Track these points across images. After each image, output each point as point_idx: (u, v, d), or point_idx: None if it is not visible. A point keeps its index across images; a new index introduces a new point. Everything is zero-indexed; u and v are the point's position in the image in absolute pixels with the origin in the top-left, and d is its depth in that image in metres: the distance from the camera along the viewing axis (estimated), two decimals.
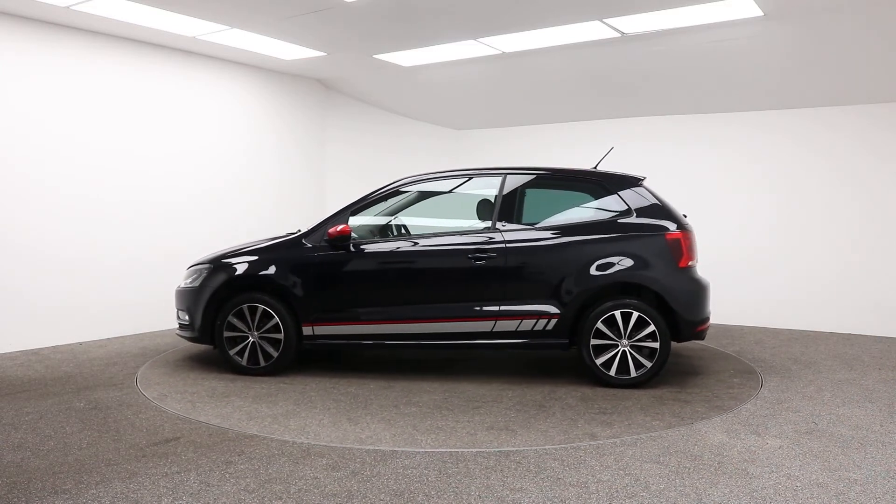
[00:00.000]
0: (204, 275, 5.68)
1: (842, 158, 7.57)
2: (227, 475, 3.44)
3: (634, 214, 5.27)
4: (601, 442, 3.93)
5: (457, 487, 3.30)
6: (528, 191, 5.57)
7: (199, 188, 7.74)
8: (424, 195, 6.01)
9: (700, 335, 5.33)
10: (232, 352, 5.57)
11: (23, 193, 6.31)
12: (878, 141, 7.37)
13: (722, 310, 7.41)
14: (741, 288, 7.96)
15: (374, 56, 7.43)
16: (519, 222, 5.41)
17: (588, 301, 5.18)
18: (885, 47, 6.26)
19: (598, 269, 5.16)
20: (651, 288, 5.14)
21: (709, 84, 7.55)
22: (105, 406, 4.64)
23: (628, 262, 5.15)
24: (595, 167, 5.75)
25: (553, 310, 5.17)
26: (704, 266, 6.02)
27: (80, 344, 6.64)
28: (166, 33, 6.78)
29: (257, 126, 8.35)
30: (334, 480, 3.38)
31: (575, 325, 5.20)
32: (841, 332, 7.45)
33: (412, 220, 6.09)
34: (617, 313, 5.09)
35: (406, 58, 7.47)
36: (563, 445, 3.87)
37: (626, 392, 5.00)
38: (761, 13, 5.65)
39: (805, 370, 5.75)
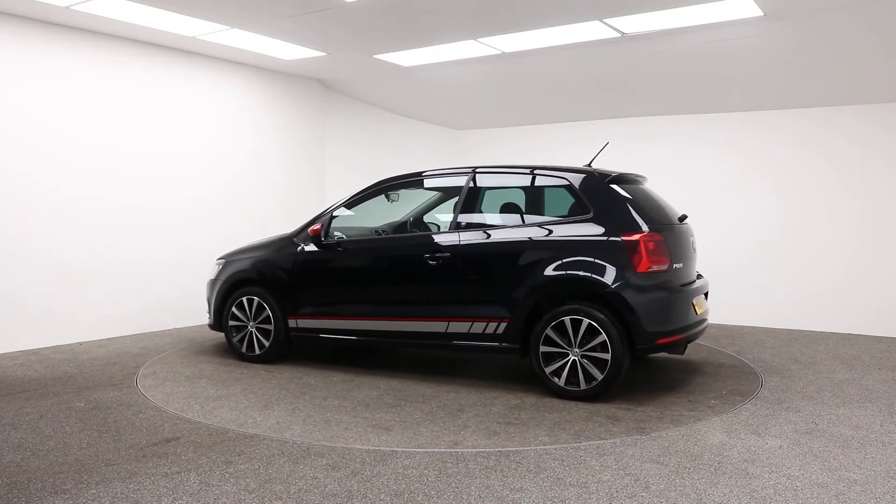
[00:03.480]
0: (219, 268, 6.30)
1: (842, 158, 7.57)
2: (227, 475, 3.44)
3: (594, 214, 4.89)
4: (601, 442, 3.93)
5: (457, 487, 3.30)
6: (492, 190, 5.48)
7: (200, 188, 7.74)
8: (403, 196, 6.06)
9: (668, 348, 4.90)
10: (235, 339, 6.08)
11: (23, 194, 6.31)
12: (878, 141, 7.37)
13: (722, 310, 7.42)
14: (741, 288, 7.96)
15: (374, 56, 7.43)
16: (479, 223, 5.29)
17: (538, 305, 4.89)
18: (885, 47, 6.26)
19: (545, 272, 4.84)
20: (600, 294, 4.71)
21: (709, 84, 7.55)
22: (105, 406, 4.64)
23: (577, 266, 4.77)
24: (590, 164, 5.62)
25: (503, 313, 4.96)
26: (704, 266, 6.01)
27: (80, 344, 6.64)
28: (166, 33, 6.78)
29: (258, 126, 8.35)
30: (334, 480, 3.38)
31: (527, 330, 4.94)
32: (841, 332, 7.45)
33: (389, 219, 6.16)
34: (567, 320, 4.74)
35: (406, 58, 7.47)
36: (563, 445, 3.87)
37: (568, 405, 4.66)
38: (761, 13, 5.64)
39: (805, 370, 5.75)
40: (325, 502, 3.14)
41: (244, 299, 6.00)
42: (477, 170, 5.47)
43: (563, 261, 4.82)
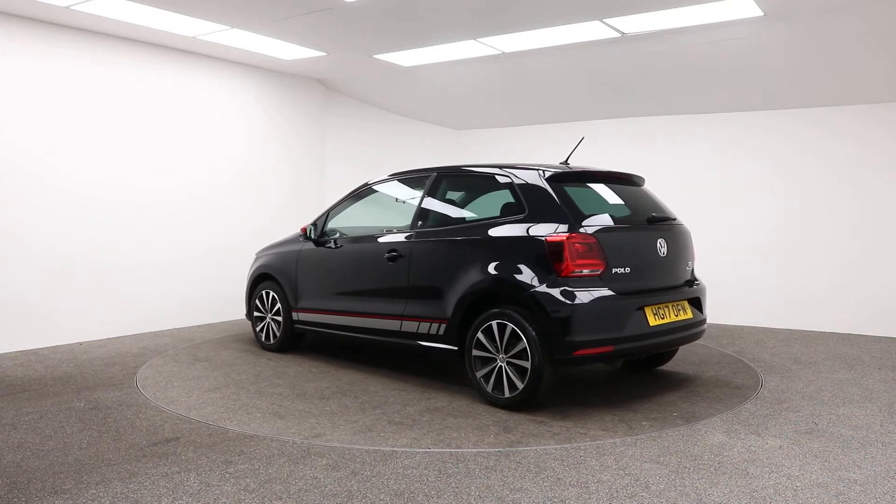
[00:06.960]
0: (252, 262, 6.87)
1: (842, 158, 7.57)
2: (227, 475, 3.44)
3: (528, 213, 4.66)
4: (601, 442, 3.93)
5: (457, 487, 3.30)
6: (447, 191, 5.48)
7: (200, 188, 7.74)
8: (387, 196, 6.14)
9: (591, 360, 4.58)
10: (257, 329, 6.62)
11: (23, 193, 6.31)
12: (878, 141, 7.37)
13: (722, 310, 7.43)
14: (741, 288, 7.96)
15: (374, 56, 7.43)
16: (432, 223, 5.28)
17: (471, 308, 4.76)
18: (885, 47, 6.26)
19: (475, 273, 4.73)
20: (520, 298, 4.48)
21: (709, 84, 7.55)
22: (105, 406, 4.64)
23: (502, 268, 4.60)
24: (566, 161, 5.51)
25: (442, 314, 4.92)
26: (704, 266, 6.01)
27: (80, 344, 6.64)
28: (166, 33, 6.78)
29: (258, 126, 8.35)
30: (334, 480, 3.38)
31: (465, 333, 4.82)
32: (841, 332, 7.45)
33: (367, 220, 6.24)
34: (494, 324, 4.58)
35: (406, 58, 7.47)
36: (563, 445, 3.87)
37: (487, 412, 4.50)
38: (761, 13, 5.65)
39: (805, 370, 5.75)
40: (325, 502, 3.14)
41: (263, 292, 6.54)
42: (439, 170, 5.48)
43: (492, 262, 4.68)
